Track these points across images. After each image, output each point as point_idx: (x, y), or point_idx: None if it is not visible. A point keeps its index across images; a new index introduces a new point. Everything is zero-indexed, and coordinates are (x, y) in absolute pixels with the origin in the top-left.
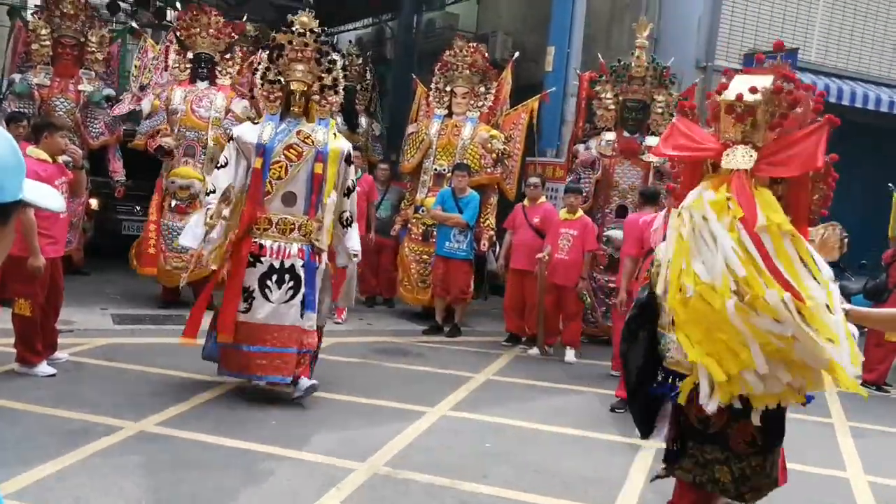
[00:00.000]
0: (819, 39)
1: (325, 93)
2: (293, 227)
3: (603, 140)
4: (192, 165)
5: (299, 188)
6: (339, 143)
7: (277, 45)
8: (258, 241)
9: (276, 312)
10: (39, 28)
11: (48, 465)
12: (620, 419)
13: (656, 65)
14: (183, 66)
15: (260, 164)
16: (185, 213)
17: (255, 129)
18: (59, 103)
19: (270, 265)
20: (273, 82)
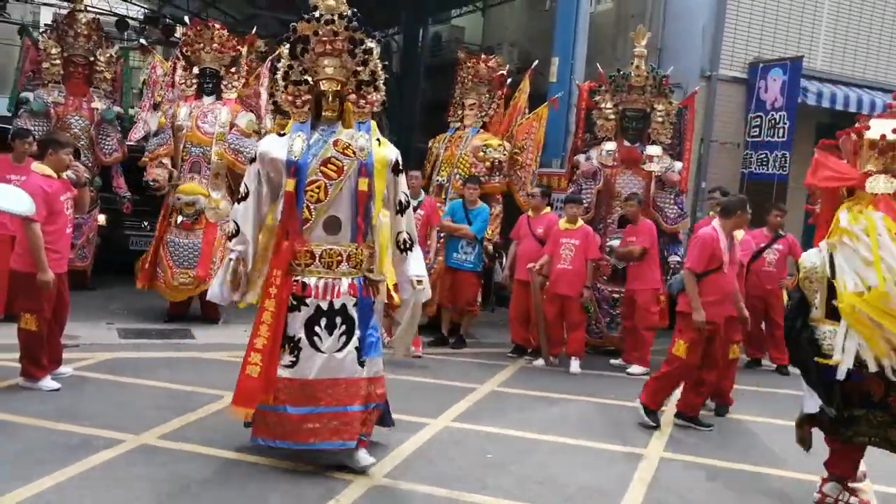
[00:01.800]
0: (824, 47)
1: (362, 90)
2: (340, 258)
3: (603, 150)
4: (197, 181)
5: (343, 211)
6: (385, 151)
7: (301, 38)
8: (300, 279)
9: (329, 364)
10: (50, 47)
11: (47, 478)
12: (622, 429)
13: (655, 74)
14: (189, 82)
15: (293, 186)
16: (191, 230)
17: (282, 143)
18: (73, 121)
19: (317, 307)
20: (298, 83)
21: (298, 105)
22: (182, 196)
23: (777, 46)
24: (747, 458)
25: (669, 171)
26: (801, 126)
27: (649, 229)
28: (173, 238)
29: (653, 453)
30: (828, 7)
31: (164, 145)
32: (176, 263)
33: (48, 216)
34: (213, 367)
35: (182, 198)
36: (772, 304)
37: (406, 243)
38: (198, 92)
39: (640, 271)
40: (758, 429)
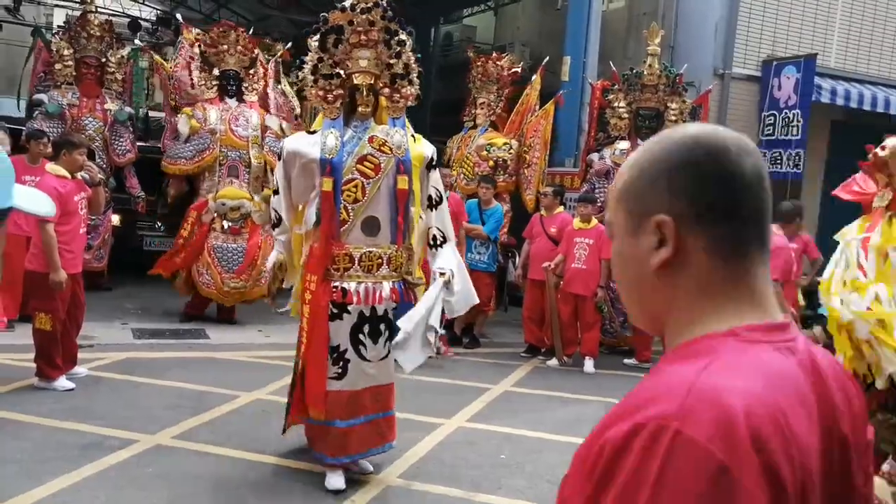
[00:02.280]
0: (838, 45)
1: (396, 84)
2: (381, 261)
3: (617, 149)
4: (237, 185)
5: (382, 211)
6: (421, 148)
7: (334, 28)
8: (339, 284)
9: (375, 373)
10: (63, 48)
11: (63, 478)
12: None
13: (669, 72)
14: (209, 84)
15: (330, 186)
16: (239, 234)
17: (313, 141)
18: (88, 123)
19: (360, 314)
20: (329, 77)
21: (330, 100)
22: (227, 201)
23: (791, 44)
24: None
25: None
26: (814, 124)
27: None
28: (220, 244)
29: None
30: (842, 4)
31: (206, 151)
32: (225, 269)
33: (62, 216)
34: (227, 368)
35: (227, 203)
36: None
37: (437, 239)
38: (219, 94)
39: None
40: None
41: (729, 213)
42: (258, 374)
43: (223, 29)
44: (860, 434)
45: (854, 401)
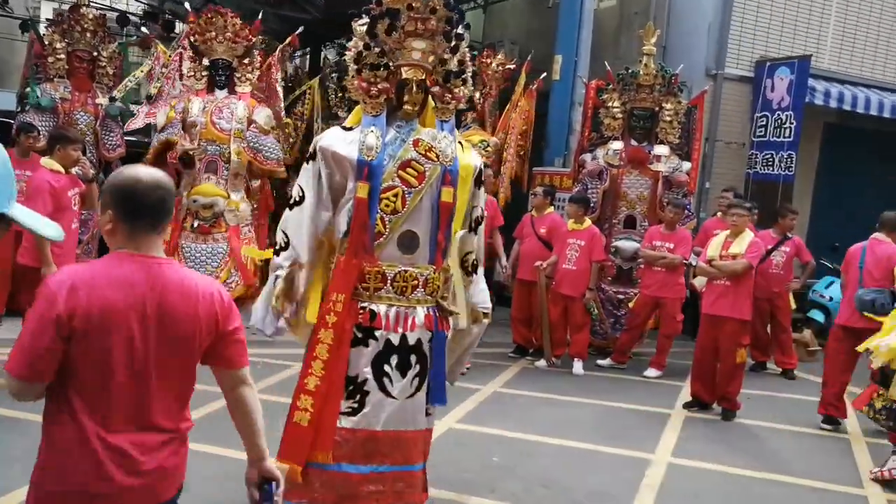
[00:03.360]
0: (832, 46)
1: (450, 83)
2: (416, 282)
3: (610, 150)
4: (214, 182)
5: (422, 225)
6: (469, 158)
7: (389, 12)
8: (368, 306)
9: (400, 413)
10: (55, 41)
11: None
12: (628, 433)
13: (664, 72)
14: (199, 75)
15: (367, 193)
16: (209, 234)
17: (350, 138)
18: (80, 117)
19: (387, 342)
20: (376, 67)
21: (373, 94)
22: (199, 198)
23: (784, 45)
24: (756, 463)
25: (677, 171)
26: (806, 126)
27: (686, 238)
28: (189, 244)
29: (660, 458)
30: (836, 6)
31: (175, 138)
32: (193, 269)
33: (54, 211)
34: None
35: (199, 199)
36: (778, 306)
37: (473, 265)
38: (209, 85)
39: (669, 279)
40: (765, 434)
41: (130, 214)
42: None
43: (210, 15)
44: (192, 325)
45: (198, 310)
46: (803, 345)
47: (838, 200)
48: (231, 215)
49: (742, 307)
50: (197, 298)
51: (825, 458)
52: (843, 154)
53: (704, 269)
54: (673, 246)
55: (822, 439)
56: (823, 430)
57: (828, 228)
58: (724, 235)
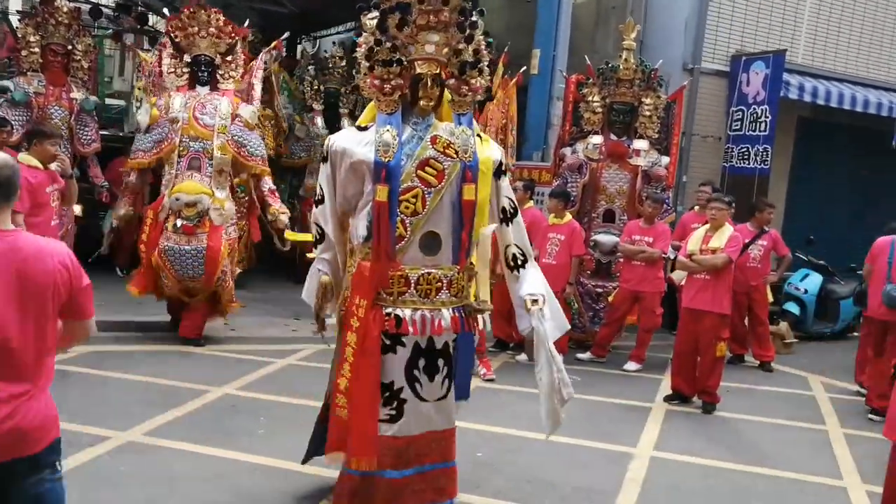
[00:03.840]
0: (806, 41)
1: (466, 74)
2: (440, 284)
3: (590, 144)
4: (198, 180)
5: (443, 225)
6: (489, 151)
7: (399, 6)
8: (392, 311)
9: (434, 415)
10: (28, 35)
11: None
12: (611, 427)
13: (644, 67)
14: (180, 71)
15: (386, 195)
16: (193, 234)
17: (365, 139)
18: (54, 111)
19: (415, 346)
20: (388, 63)
21: (387, 91)
22: (182, 195)
23: (759, 40)
24: (737, 456)
25: (656, 165)
26: (781, 120)
27: (665, 232)
28: (172, 245)
29: (643, 452)
30: (809, 1)
31: (165, 142)
32: (179, 273)
33: (32, 208)
34: (195, 361)
35: (182, 197)
36: (755, 299)
37: (517, 259)
38: (190, 82)
39: (648, 273)
40: (745, 426)
41: None
42: (226, 368)
43: (193, 10)
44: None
45: (54, 273)
46: (780, 337)
47: (813, 194)
48: (216, 214)
49: (722, 301)
50: (52, 261)
51: (804, 450)
52: (818, 148)
53: (685, 263)
54: (652, 240)
55: (800, 431)
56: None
57: (802, 221)
58: (704, 230)
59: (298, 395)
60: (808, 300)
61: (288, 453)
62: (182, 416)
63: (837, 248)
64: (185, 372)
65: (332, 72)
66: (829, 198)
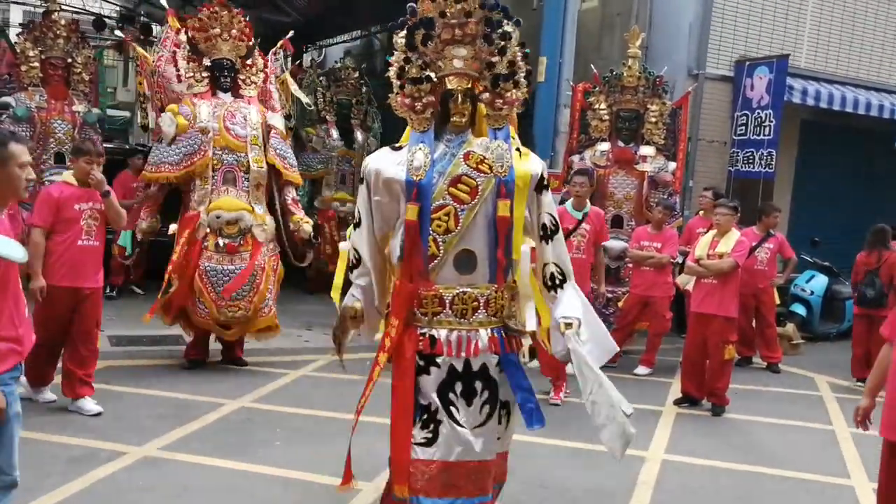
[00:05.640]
0: (809, 45)
1: (500, 87)
2: (477, 304)
3: (597, 151)
4: (234, 195)
5: (478, 243)
6: (528, 165)
7: (422, 22)
8: (427, 331)
9: (472, 443)
10: (27, 49)
11: (54, 493)
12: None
13: (648, 74)
14: (199, 76)
15: (416, 214)
16: (236, 253)
17: (399, 159)
18: (57, 125)
19: (451, 368)
20: (419, 81)
21: (418, 110)
22: (222, 213)
23: (763, 44)
24: (747, 458)
25: (663, 171)
26: (785, 124)
27: (674, 238)
28: (213, 265)
29: (654, 455)
30: (812, 5)
31: (197, 154)
32: (221, 296)
33: (56, 224)
34: (209, 374)
35: (223, 215)
36: (763, 301)
37: (555, 279)
38: (211, 88)
39: (657, 278)
40: (754, 428)
41: None
42: (240, 380)
43: (215, 9)
44: None
45: None
46: (787, 339)
47: (817, 196)
48: (259, 230)
49: (729, 305)
50: None
51: (812, 450)
52: (822, 151)
53: (693, 268)
54: (661, 245)
55: (808, 432)
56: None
57: (807, 224)
58: (712, 235)
59: (314, 407)
60: (814, 301)
61: (306, 464)
62: (198, 430)
63: (842, 249)
64: (199, 385)
65: (344, 83)
66: (833, 200)
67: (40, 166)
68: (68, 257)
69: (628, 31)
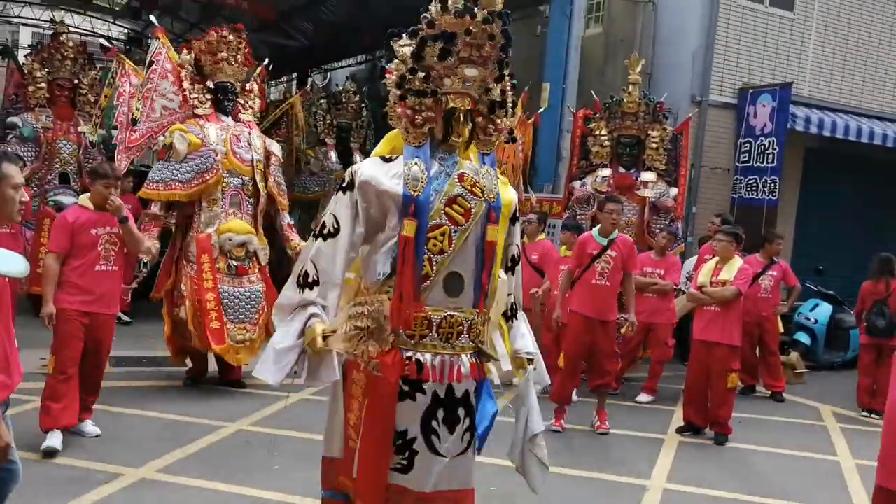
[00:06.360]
0: (812, 73)
1: (494, 113)
2: (461, 328)
3: (598, 176)
4: (240, 217)
5: (467, 266)
6: (509, 193)
7: (443, 35)
8: (412, 355)
9: (450, 472)
10: (35, 70)
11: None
12: (624, 459)
13: (648, 100)
14: (203, 98)
15: (413, 231)
16: (246, 275)
17: (393, 171)
18: (63, 146)
19: (434, 395)
20: (423, 94)
21: (418, 123)
22: (233, 235)
23: (766, 72)
24: (749, 487)
25: (664, 196)
26: (788, 151)
27: (677, 264)
28: (226, 288)
29: (656, 483)
30: (815, 34)
31: (209, 173)
32: (231, 318)
33: (71, 249)
34: (208, 396)
35: (235, 238)
36: (766, 329)
37: (513, 309)
38: (214, 110)
39: (660, 305)
40: (756, 457)
41: None
42: (239, 402)
43: (224, 34)
44: None
45: None
46: (790, 367)
47: (821, 224)
48: (263, 254)
49: (732, 333)
50: None
51: (816, 481)
52: (825, 178)
53: (695, 295)
54: (663, 272)
55: (812, 462)
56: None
57: (811, 252)
58: (715, 262)
59: (313, 430)
60: (818, 330)
61: (304, 488)
62: (196, 452)
63: (846, 277)
64: (198, 407)
65: (344, 106)
66: (837, 228)
67: (45, 186)
68: (85, 282)
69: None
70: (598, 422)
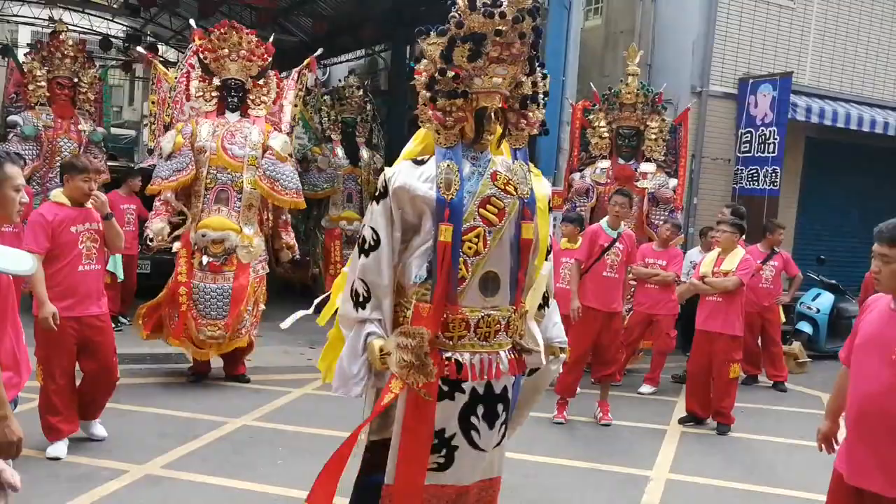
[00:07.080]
0: (812, 63)
1: (525, 109)
2: (499, 326)
3: (598, 168)
4: (225, 214)
5: (502, 265)
6: (543, 186)
7: (474, 36)
8: (452, 356)
9: (487, 464)
10: (35, 69)
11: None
12: (627, 450)
13: (647, 91)
14: (208, 96)
15: (450, 235)
16: (220, 272)
17: (424, 175)
18: (63, 144)
19: (473, 392)
20: (453, 95)
21: (449, 125)
22: (208, 232)
23: (766, 62)
24: (752, 477)
25: (663, 187)
26: (789, 141)
27: (678, 255)
28: (198, 283)
29: (659, 474)
30: (815, 23)
31: (184, 171)
32: (202, 314)
33: (51, 249)
34: (211, 392)
35: (209, 234)
36: (768, 319)
37: (545, 298)
38: (219, 108)
39: (662, 296)
40: (759, 447)
41: None
42: (242, 398)
43: (224, 30)
44: None
45: None
46: (793, 357)
47: (822, 213)
48: (244, 252)
49: (734, 323)
50: None
51: (819, 470)
52: (827, 168)
53: (697, 286)
54: (665, 263)
55: (814, 451)
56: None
57: (813, 241)
58: (717, 252)
59: (317, 425)
60: (820, 319)
61: (309, 483)
62: (200, 448)
63: (848, 266)
64: (202, 403)
65: (348, 101)
66: (838, 217)
67: (46, 185)
68: (69, 285)
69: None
70: (601, 413)
